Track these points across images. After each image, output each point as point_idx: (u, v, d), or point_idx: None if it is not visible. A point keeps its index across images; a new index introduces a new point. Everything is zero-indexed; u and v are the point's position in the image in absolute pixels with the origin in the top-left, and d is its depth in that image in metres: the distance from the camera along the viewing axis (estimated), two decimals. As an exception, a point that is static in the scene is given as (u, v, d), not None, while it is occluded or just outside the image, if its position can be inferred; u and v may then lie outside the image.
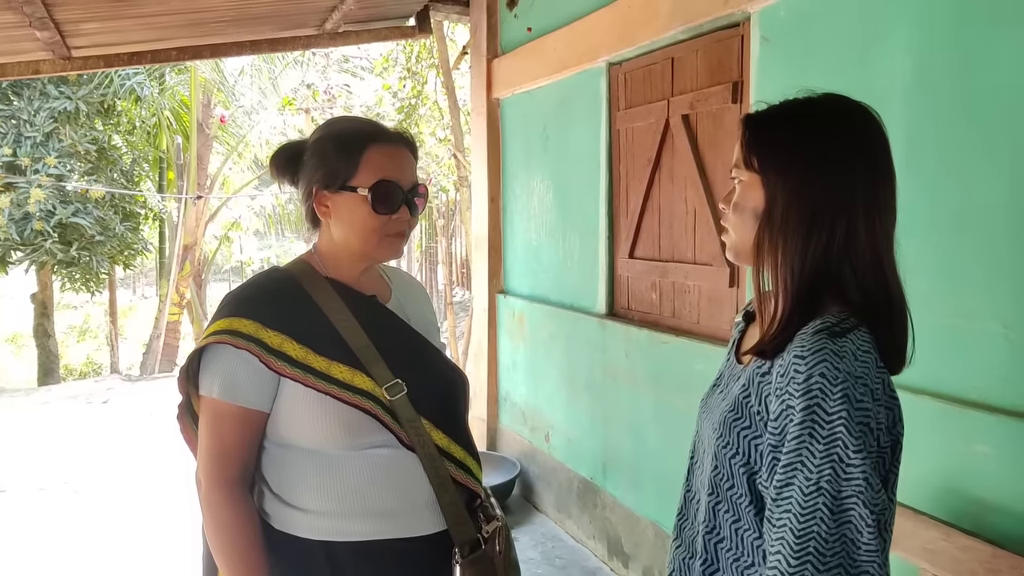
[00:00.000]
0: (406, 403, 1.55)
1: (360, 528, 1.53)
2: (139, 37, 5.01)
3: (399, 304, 1.72)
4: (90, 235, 11.17)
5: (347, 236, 1.60)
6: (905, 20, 2.26)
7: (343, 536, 1.53)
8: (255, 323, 1.51)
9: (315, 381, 1.50)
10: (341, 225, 1.59)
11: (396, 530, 1.54)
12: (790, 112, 1.23)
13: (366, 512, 1.53)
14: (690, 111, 3.31)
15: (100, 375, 14.41)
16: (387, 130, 1.64)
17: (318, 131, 1.65)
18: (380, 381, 1.54)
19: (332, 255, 1.64)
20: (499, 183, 5.28)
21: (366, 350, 1.55)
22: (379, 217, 1.56)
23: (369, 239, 1.58)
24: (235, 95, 15.05)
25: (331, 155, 1.57)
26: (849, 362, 1.07)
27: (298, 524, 1.54)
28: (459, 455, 1.62)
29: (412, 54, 8.45)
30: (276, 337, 1.50)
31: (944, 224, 2.12)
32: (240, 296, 1.59)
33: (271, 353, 1.49)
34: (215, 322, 1.53)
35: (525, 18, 4.75)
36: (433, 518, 1.57)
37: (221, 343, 1.50)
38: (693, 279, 3.36)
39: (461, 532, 1.57)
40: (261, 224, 21.46)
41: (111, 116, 12.37)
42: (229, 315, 1.53)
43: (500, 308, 5.29)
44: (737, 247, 1.28)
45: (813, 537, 1.04)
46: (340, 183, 1.56)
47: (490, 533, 1.61)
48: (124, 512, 5.22)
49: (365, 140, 1.58)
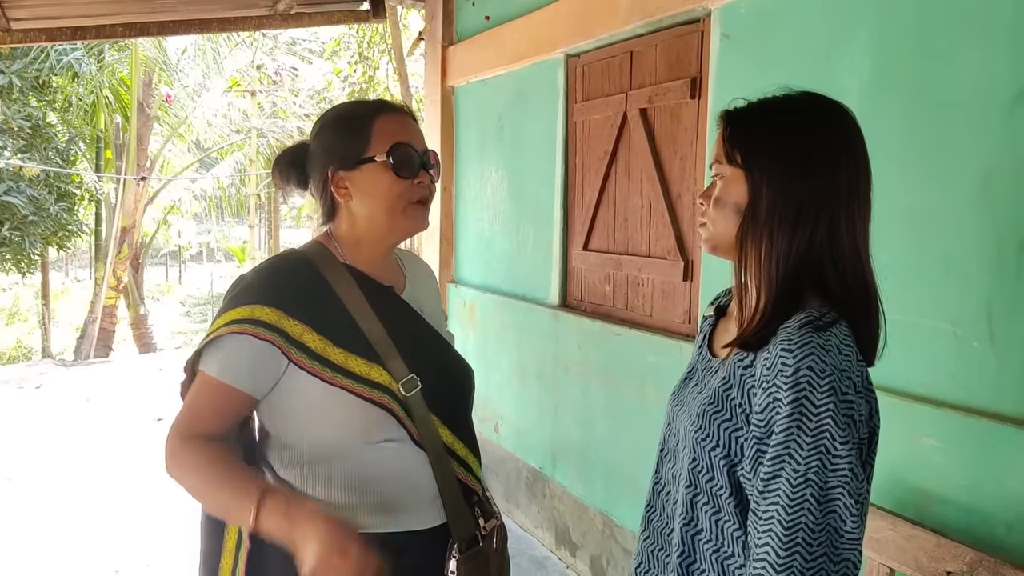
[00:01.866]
0: (419, 399, 1.52)
1: (365, 521, 1.49)
2: (84, 12, 4.86)
3: (413, 294, 1.69)
4: (23, 215, 10.87)
5: (371, 210, 1.55)
6: (865, 20, 2.31)
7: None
8: (277, 311, 1.45)
9: (332, 375, 1.46)
10: (364, 201, 1.55)
11: (399, 523, 1.52)
12: (772, 109, 1.24)
13: (375, 506, 1.50)
14: (648, 105, 3.33)
15: (31, 359, 14.00)
16: (388, 102, 1.62)
17: (316, 125, 1.62)
18: (396, 376, 1.50)
19: (352, 239, 1.59)
20: (452, 172, 5.26)
21: (383, 343, 1.51)
22: (402, 182, 1.53)
23: (395, 207, 1.54)
24: (178, 74, 14.72)
25: (339, 136, 1.55)
26: (835, 355, 1.09)
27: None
28: (462, 452, 1.60)
29: (364, 39, 8.36)
30: (297, 327, 1.46)
31: (897, 223, 2.17)
32: (260, 281, 1.53)
33: (292, 344, 1.45)
34: (234, 308, 1.47)
35: (483, 6, 4.74)
36: (435, 512, 1.56)
37: (244, 333, 1.44)
38: (647, 272, 3.39)
39: (461, 528, 1.56)
40: (201, 208, 21.09)
41: (46, 92, 12.02)
42: (250, 301, 1.47)
43: (451, 298, 5.27)
44: (717, 240, 1.29)
45: (801, 528, 1.06)
46: (356, 158, 1.53)
47: (488, 530, 1.61)
48: (60, 501, 5.09)
49: (371, 113, 1.56)
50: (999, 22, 1.96)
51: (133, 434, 6.72)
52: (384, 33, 7.97)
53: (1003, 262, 1.95)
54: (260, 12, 5.44)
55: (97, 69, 12.62)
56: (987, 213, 1.98)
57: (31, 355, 15.39)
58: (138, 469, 5.59)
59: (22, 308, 19.88)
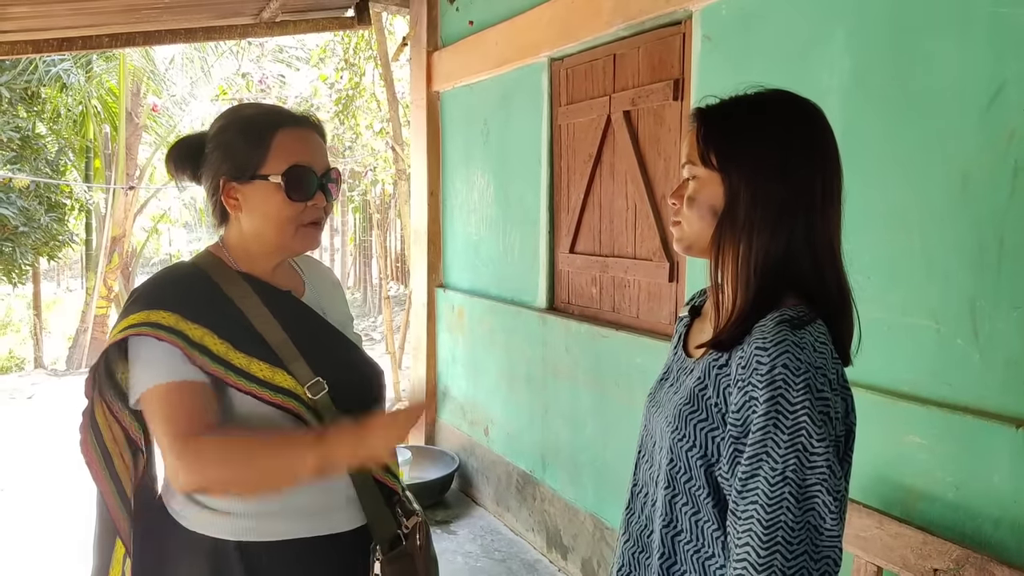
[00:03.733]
0: (328, 402, 1.49)
1: (277, 527, 1.47)
2: (70, 23, 4.85)
3: (314, 298, 1.66)
4: (13, 226, 10.82)
5: (260, 228, 1.51)
6: (844, 21, 2.31)
7: (259, 536, 1.47)
8: (174, 315, 1.41)
9: (236, 379, 1.43)
10: (253, 217, 1.50)
11: (314, 528, 1.49)
12: (744, 108, 1.24)
13: (284, 511, 1.48)
14: (632, 107, 3.34)
15: (23, 370, 13.93)
16: (294, 113, 1.56)
17: (219, 120, 1.55)
18: (301, 379, 1.47)
19: (243, 249, 1.55)
20: (439, 177, 5.25)
21: (285, 347, 1.48)
22: (294, 205, 1.48)
23: (285, 230, 1.50)
24: (166, 84, 14.70)
25: (237, 144, 1.48)
26: (809, 353, 1.09)
27: (212, 524, 1.47)
28: None
29: (350, 45, 8.35)
30: (197, 330, 1.41)
31: (878, 221, 2.18)
32: (153, 288, 1.48)
33: (193, 347, 1.40)
34: (128, 315, 1.42)
35: (466, 11, 4.74)
36: (352, 514, 1.53)
37: (142, 335, 1.40)
38: (633, 274, 3.39)
39: (382, 529, 1.54)
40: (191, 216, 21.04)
41: (35, 103, 11.98)
42: (145, 307, 1.42)
43: (439, 302, 5.27)
44: (690, 240, 1.28)
45: (781, 526, 1.06)
46: (250, 173, 1.47)
47: (410, 528, 1.58)
48: (52, 511, 5.07)
49: (273, 125, 1.49)
50: (976, 21, 1.96)
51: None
52: (370, 39, 7.96)
53: (984, 259, 1.95)
54: (245, 21, 5.43)
55: (85, 80, 12.58)
56: (967, 210, 1.99)
57: (23, 365, 15.31)
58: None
59: (14, 319, 19.79)
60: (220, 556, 1.47)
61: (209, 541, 1.47)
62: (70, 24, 4.88)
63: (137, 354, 1.43)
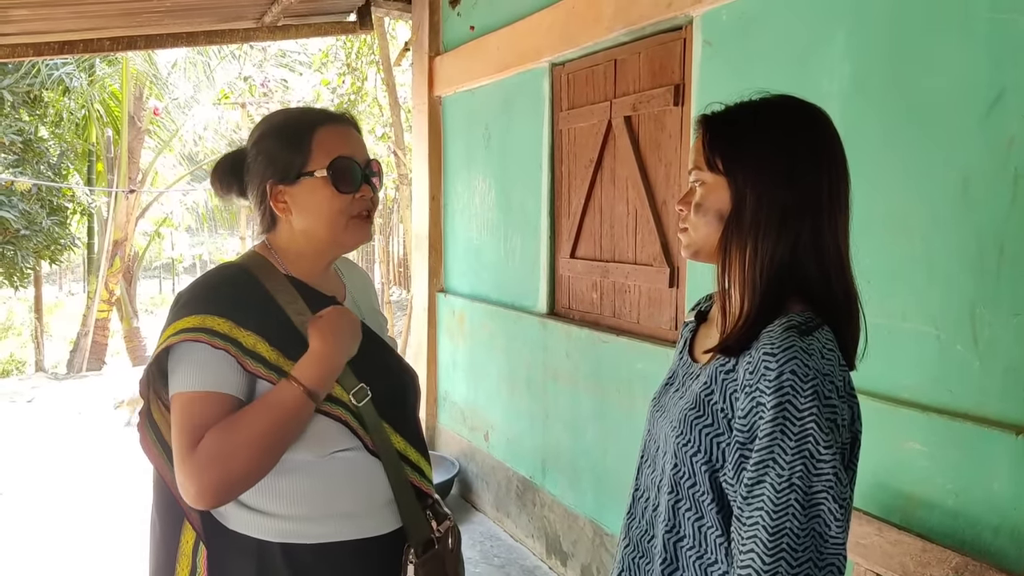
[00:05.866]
0: (371, 408, 1.51)
1: (321, 530, 1.49)
2: (71, 26, 4.86)
3: (354, 302, 1.68)
4: (15, 229, 10.85)
5: (312, 227, 1.52)
6: (844, 25, 2.31)
7: (303, 538, 1.48)
8: (228, 321, 1.42)
9: None
10: (304, 216, 1.51)
11: (356, 531, 1.51)
12: (751, 113, 1.23)
13: (328, 515, 1.49)
14: (632, 113, 3.34)
15: (24, 373, 13.95)
16: (329, 111, 1.59)
17: (256, 131, 1.57)
18: (347, 387, 1.49)
19: (295, 251, 1.56)
20: (440, 181, 5.26)
21: None
22: (343, 197, 1.49)
23: (336, 223, 1.51)
24: (168, 88, 14.72)
25: (279, 148, 1.50)
26: (817, 359, 1.08)
27: (257, 526, 1.48)
28: (414, 457, 1.60)
29: (352, 50, 8.37)
30: (250, 337, 1.42)
31: (878, 226, 2.17)
32: (205, 292, 1.49)
33: (247, 354, 1.41)
34: (181, 319, 1.43)
35: (468, 16, 4.74)
36: (389, 518, 1.55)
37: (197, 341, 1.40)
38: (633, 279, 3.39)
39: (417, 532, 1.56)
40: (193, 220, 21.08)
41: (38, 107, 12.01)
42: (199, 311, 1.43)
43: (440, 307, 5.26)
44: (698, 246, 1.28)
45: (786, 533, 1.06)
46: (296, 172, 1.49)
47: (443, 532, 1.61)
48: (52, 514, 5.06)
49: (311, 124, 1.51)
50: (975, 27, 1.96)
51: (125, 447, 6.69)
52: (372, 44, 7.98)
53: (985, 265, 1.95)
54: (247, 25, 5.45)
55: (88, 83, 12.61)
56: (968, 216, 1.98)
57: (24, 369, 15.33)
58: (130, 482, 5.56)
59: (15, 322, 19.81)
60: (266, 557, 1.48)
61: (254, 542, 1.48)
62: (71, 27, 4.89)
63: (185, 357, 1.42)
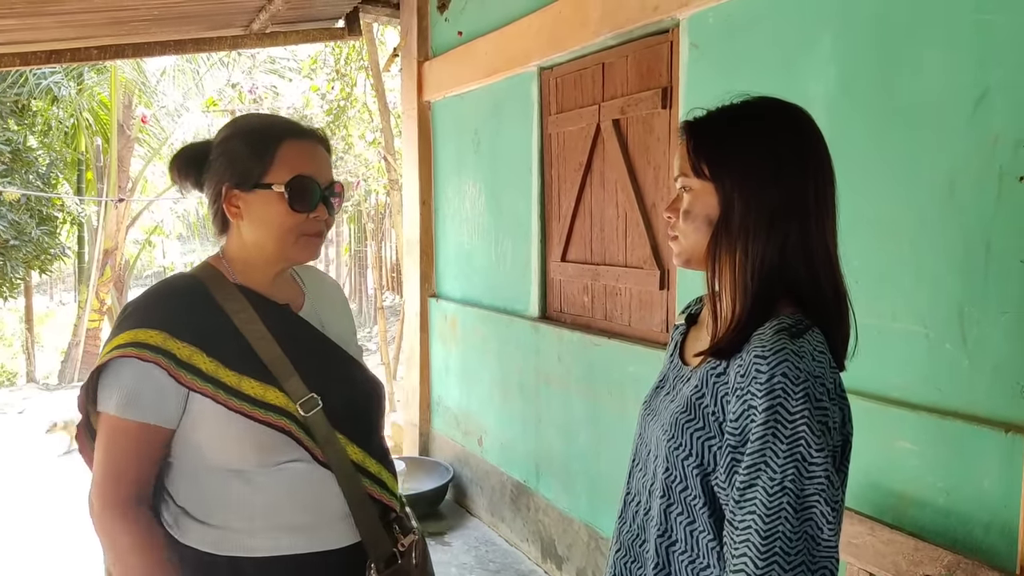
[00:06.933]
0: (321, 418, 1.48)
1: (269, 544, 1.46)
2: (58, 35, 4.85)
3: (313, 311, 1.65)
4: (4, 239, 10.80)
5: (261, 238, 1.51)
6: (830, 28, 2.32)
7: (251, 552, 1.46)
8: (162, 333, 1.41)
9: (225, 397, 1.42)
10: (255, 226, 1.50)
11: (307, 544, 1.48)
12: (734, 116, 1.24)
13: (276, 528, 1.47)
14: (621, 116, 3.34)
15: (15, 384, 13.87)
16: (301, 126, 1.56)
17: (225, 129, 1.55)
18: (294, 396, 1.46)
19: (243, 260, 1.55)
20: (430, 186, 5.26)
21: (279, 363, 1.47)
22: (296, 215, 1.48)
23: (286, 239, 1.50)
24: (157, 96, 14.69)
25: (242, 152, 1.48)
26: (808, 362, 1.09)
27: (204, 538, 1.47)
28: (374, 469, 1.57)
29: (341, 56, 8.36)
30: (185, 349, 1.42)
31: (866, 227, 2.18)
32: (145, 304, 1.49)
33: (181, 366, 1.40)
34: (119, 334, 1.43)
35: (456, 22, 4.75)
36: (347, 531, 1.52)
37: (126, 356, 1.40)
38: (624, 282, 3.39)
39: (377, 547, 1.53)
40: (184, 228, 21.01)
41: (26, 116, 11.99)
42: (134, 326, 1.43)
43: (432, 312, 5.26)
44: (689, 253, 1.27)
45: (779, 537, 1.06)
46: (253, 181, 1.47)
47: (406, 547, 1.57)
48: (40, 526, 5.04)
49: (279, 136, 1.50)
50: (959, 28, 1.97)
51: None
52: (361, 50, 7.97)
53: (972, 264, 1.95)
54: (235, 32, 5.44)
55: (77, 92, 12.59)
56: (954, 215, 1.99)
57: (15, 380, 15.25)
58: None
59: (6, 333, 19.71)
60: (211, 571, 1.46)
61: (200, 555, 1.46)
62: (58, 36, 4.88)
63: (114, 376, 1.42)
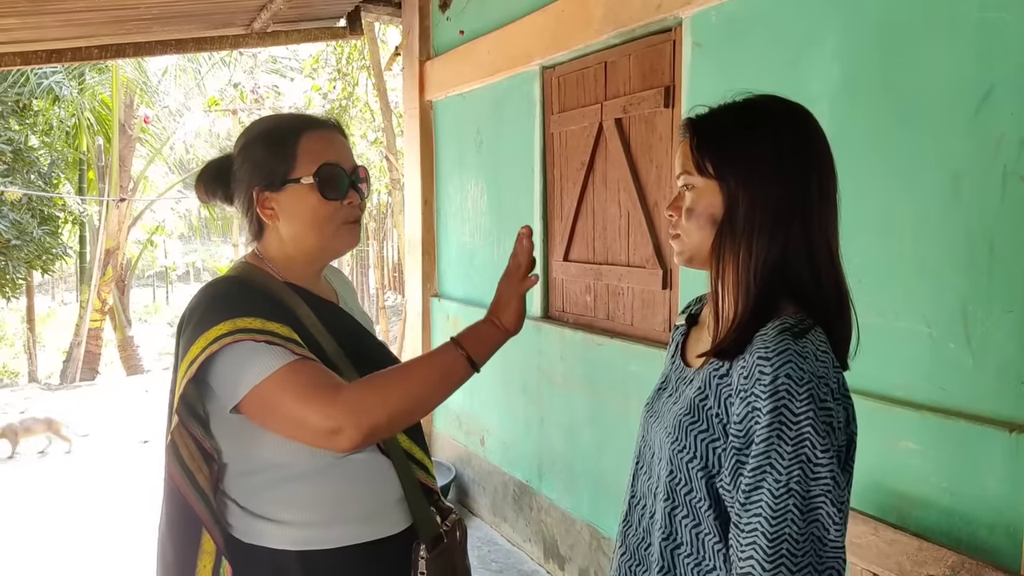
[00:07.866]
0: None
1: (337, 534, 1.48)
2: (59, 34, 4.85)
3: (345, 304, 1.68)
4: (5, 239, 10.80)
5: (300, 233, 1.51)
6: (833, 27, 2.32)
7: (320, 544, 1.47)
8: (258, 319, 1.38)
9: None
10: (292, 223, 1.50)
11: (370, 532, 1.51)
12: (735, 115, 1.23)
13: (344, 518, 1.49)
14: (623, 115, 3.34)
15: (17, 384, 13.88)
16: (315, 117, 1.57)
17: (242, 137, 1.56)
18: None
19: (285, 257, 1.54)
20: (432, 186, 5.26)
21: (338, 356, 1.49)
22: (330, 204, 1.48)
23: (324, 230, 1.50)
24: (159, 95, 14.69)
25: (264, 155, 1.49)
26: (812, 362, 1.08)
27: (271, 536, 1.46)
28: (419, 455, 1.60)
29: (343, 55, 8.36)
30: (284, 328, 1.40)
31: (869, 226, 2.18)
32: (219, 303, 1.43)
33: (288, 341, 1.38)
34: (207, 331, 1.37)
35: (458, 21, 4.74)
36: (400, 516, 1.55)
37: (238, 342, 1.36)
38: (627, 281, 3.39)
39: (427, 529, 1.56)
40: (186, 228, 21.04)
41: (27, 116, 11.98)
42: (224, 318, 1.38)
43: (434, 311, 5.26)
44: (692, 252, 1.26)
45: (785, 539, 1.05)
46: (281, 179, 1.47)
47: (450, 527, 1.61)
48: (44, 526, 5.04)
49: (296, 130, 1.50)
50: (963, 26, 1.96)
51: (119, 456, 6.67)
52: (362, 49, 7.97)
53: (976, 263, 1.95)
54: (237, 31, 5.44)
55: (78, 92, 12.58)
56: (958, 214, 1.98)
57: (17, 380, 15.26)
58: (124, 491, 5.54)
59: (8, 333, 19.73)
60: (282, 566, 1.46)
61: (269, 552, 1.47)
62: (59, 36, 4.88)
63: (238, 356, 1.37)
